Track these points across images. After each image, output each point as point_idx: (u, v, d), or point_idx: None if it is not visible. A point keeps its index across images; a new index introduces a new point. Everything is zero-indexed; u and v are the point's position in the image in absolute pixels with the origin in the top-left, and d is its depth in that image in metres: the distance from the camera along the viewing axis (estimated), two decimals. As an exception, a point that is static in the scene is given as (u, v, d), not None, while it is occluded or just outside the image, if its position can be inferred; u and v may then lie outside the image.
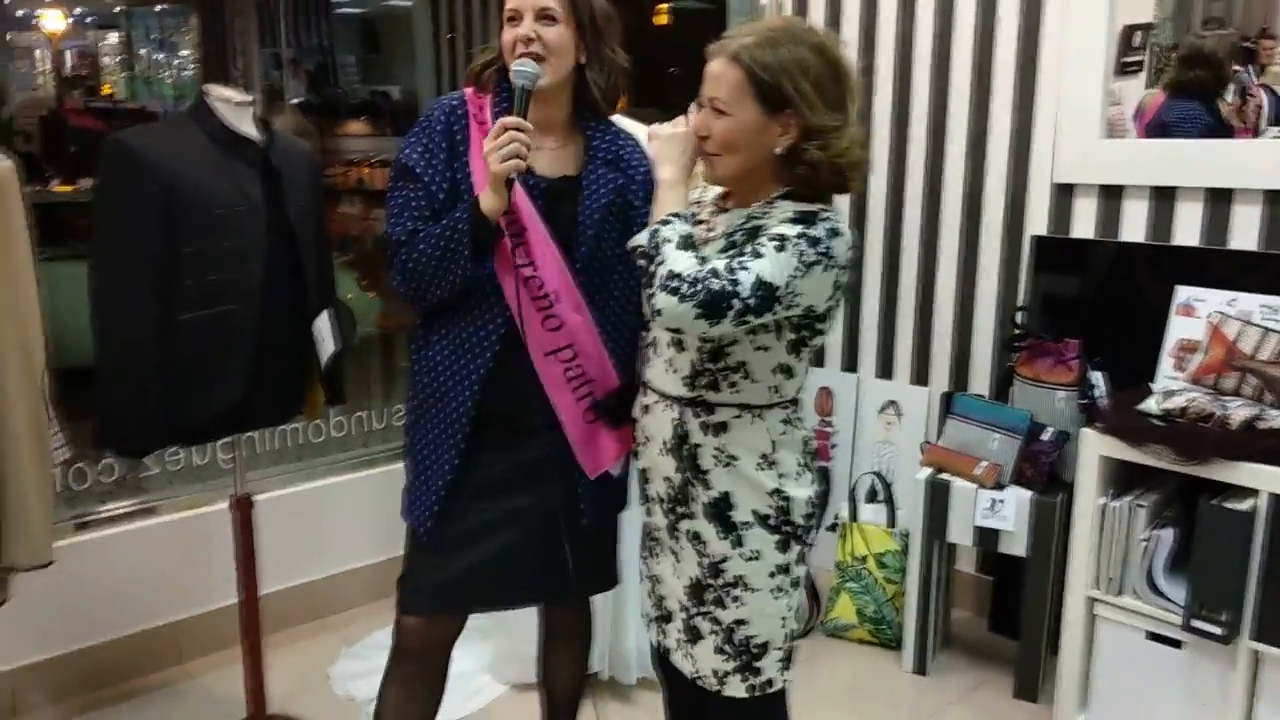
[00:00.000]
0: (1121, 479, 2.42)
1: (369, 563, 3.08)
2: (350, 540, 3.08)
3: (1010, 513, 2.62)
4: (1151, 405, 2.36)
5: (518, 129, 1.62)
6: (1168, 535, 2.32)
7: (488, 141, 1.64)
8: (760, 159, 1.57)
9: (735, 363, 1.59)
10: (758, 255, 1.48)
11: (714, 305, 1.45)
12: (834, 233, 1.52)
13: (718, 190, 1.72)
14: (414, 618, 1.85)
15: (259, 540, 2.37)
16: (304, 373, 2.24)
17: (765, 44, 1.52)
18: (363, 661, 2.77)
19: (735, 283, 1.45)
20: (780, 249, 1.48)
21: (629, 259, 1.63)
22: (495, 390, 1.75)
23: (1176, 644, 2.32)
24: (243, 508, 2.32)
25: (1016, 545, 2.64)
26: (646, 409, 1.71)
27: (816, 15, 3.33)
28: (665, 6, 4.69)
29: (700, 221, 1.68)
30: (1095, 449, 2.38)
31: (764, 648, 1.67)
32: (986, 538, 2.68)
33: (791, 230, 1.50)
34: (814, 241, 1.49)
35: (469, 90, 1.80)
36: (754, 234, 1.55)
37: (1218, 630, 2.21)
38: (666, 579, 1.75)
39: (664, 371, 1.66)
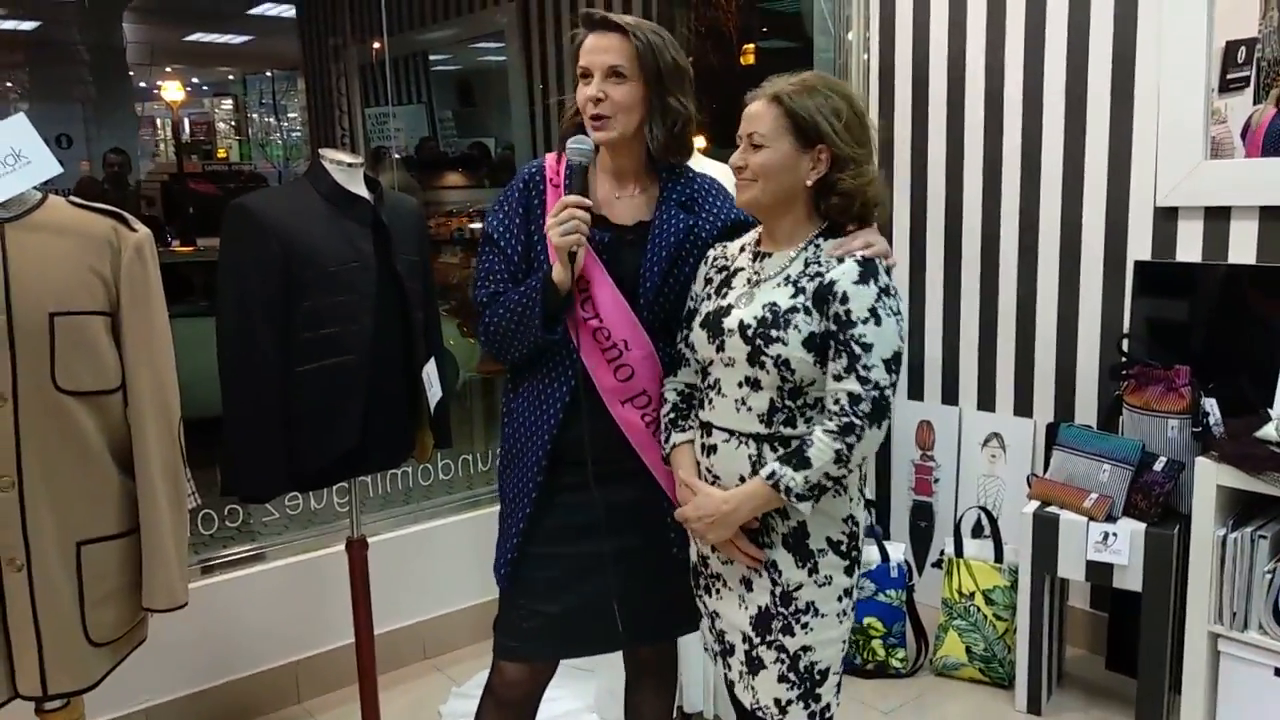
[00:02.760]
0: (1240, 509, 2.33)
1: (474, 603, 3.14)
2: (456, 581, 3.14)
3: (1124, 546, 2.54)
4: (1270, 432, 2.28)
5: (578, 205, 1.69)
6: (1294, 567, 2.23)
7: (550, 217, 1.71)
8: (792, 189, 1.67)
9: (814, 399, 1.66)
10: (867, 346, 1.58)
11: (877, 414, 1.58)
12: (889, 271, 1.65)
13: (742, 242, 1.78)
14: (515, 664, 1.89)
15: (371, 581, 2.44)
16: (414, 417, 2.32)
17: (802, 90, 1.66)
18: (472, 701, 2.78)
19: (871, 383, 1.58)
20: (879, 323, 1.60)
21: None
22: (573, 439, 1.78)
23: (1309, 681, 2.22)
24: (358, 549, 2.39)
25: (1131, 580, 2.56)
26: (712, 449, 1.74)
27: (903, 47, 3.34)
28: (751, 46, 4.74)
29: (738, 270, 1.74)
30: (1211, 478, 2.31)
31: (825, 674, 1.72)
32: (1099, 572, 2.60)
33: (868, 294, 1.60)
34: (888, 292, 1.63)
35: (551, 155, 1.85)
36: (825, 292, 1.61)
37: (1353, 667, 2.11)
38: (726, 613, 1.79)
39: (734, 410, 1.70)
